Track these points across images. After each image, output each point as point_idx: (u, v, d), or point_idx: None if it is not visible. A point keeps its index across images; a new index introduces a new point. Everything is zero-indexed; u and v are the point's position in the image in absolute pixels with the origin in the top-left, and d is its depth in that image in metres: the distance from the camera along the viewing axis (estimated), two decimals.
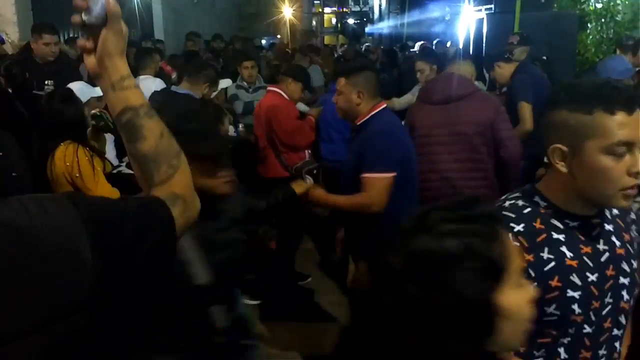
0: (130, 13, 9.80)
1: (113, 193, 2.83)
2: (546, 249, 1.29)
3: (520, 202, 1.37)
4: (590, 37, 8.55)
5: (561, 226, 1.32)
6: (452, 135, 3.21)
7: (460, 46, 8.81)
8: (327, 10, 34.94)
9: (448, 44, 9.86)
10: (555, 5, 8.27)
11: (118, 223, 0.86)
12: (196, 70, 3.72)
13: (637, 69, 4.19)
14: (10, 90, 3.87)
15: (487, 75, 5.82)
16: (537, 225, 1.32)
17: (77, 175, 2.78)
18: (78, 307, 0.73)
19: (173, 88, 3.69)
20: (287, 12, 22.21)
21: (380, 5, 28.84)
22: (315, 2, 33.77)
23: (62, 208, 0.80)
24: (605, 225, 1.36)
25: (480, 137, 3.19)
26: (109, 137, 3.46)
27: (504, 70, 4.80)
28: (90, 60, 1.07)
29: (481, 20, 7.64)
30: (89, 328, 0.75)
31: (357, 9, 36.58)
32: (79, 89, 3.41)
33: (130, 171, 3.01)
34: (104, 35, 1.05)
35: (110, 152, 3.48)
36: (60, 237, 0.76)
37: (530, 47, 5.65)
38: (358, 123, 2.74)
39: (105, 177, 2.88)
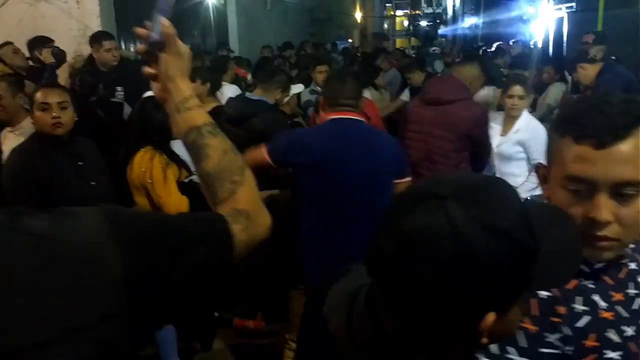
0: (206, 22, 10.15)
1: (181, 201, 2.89)
2: (578, 299, 1.04)
3: None
4: None
5: (587, 269, 1.07)
6: (430, 136, 3.43)
7: (540, 46, 8.49)
8: (399, 12, 34.71)
9: (511, 42, 9.48)
10: None
11: (155, 238, 0.84)
12: (268, 76, 3.78)
13: None
14: (92, 98, 4.08)
15: (568, 77, 5.59)
16: None
17: (150, 181, 2.86)
18: (106, 317, 0.73)
19: (247, 94, 3.76)
20: (359, 16, 22.27)
21: (454, 6, 28.33)
22: (387, 5, 33.64)
23: (95, 222, 0.79)
24: (630, 264, 1.11)
25: (453, 144, 3.36)
26: (179, 142, 3.57)
27: (588, 72, 4.60)
28: (155, 87, 1.09)
29: (561, 19, 7.34)
30: (118, 337, 0.74)
31: (429, 10, 36.11)
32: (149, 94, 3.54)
33: None
34: (163, 60, 1.07)
35: (186, 156, 3.59)
36: (87, 249, 0.75)
37: (611, 46, 5.37)
38: None
39: (178, 185, 2.94)
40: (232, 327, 3.77)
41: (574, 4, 7.27)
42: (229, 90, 4.71)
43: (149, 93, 3.52)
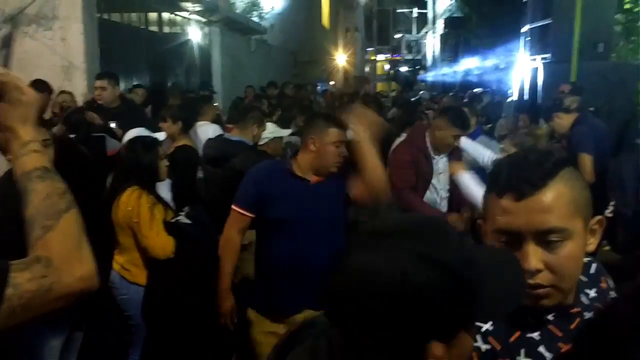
0: (191, 61, 10.25)
1: (168, 242, 2.89)
2: (522, 352, 1.05)
3: None
4: None
5: (533, 320, 1.08)
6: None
7: (515, 96, 8.72)
8: (380, 57, 35.46)
9: (476, 90, 9.79)
10: (613, 54, 8.12)
11: None
12: (242, 115, 3.82)
13: None
14: (72, 136, 4.08)
15: (543, 125, 5.73)
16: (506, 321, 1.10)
17: (136, 220, 2.84)
18: None
19: (225, 136, 3.78)
20: (341, 60, 22.70)
21: (433, 53, 29.07)
22: (368, 49, 34.38)
23: None
24: (586, 314, 1.10)
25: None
26: (164, 182, 3.55)
27: (564, 121, 4.71)
28: None
29: (536, 69, 7.57)
30: None
31: (410, 56, 36.98)
32: (137, 133, 3.54)
33: (189, 221, 3.07)
34: (0, 109, 1.03)
35: (166, 196, 3.56)
36: None
37: (585, 97, 5.54)
38: None
39: (164, 226, 2.93)
40: None
41: (549, 55, 7.52)
42: (209, 130, 4.72)
43: (135, 132, 3.53)
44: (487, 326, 1.07)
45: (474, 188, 3.45)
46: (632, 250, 3.49)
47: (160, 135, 3.61)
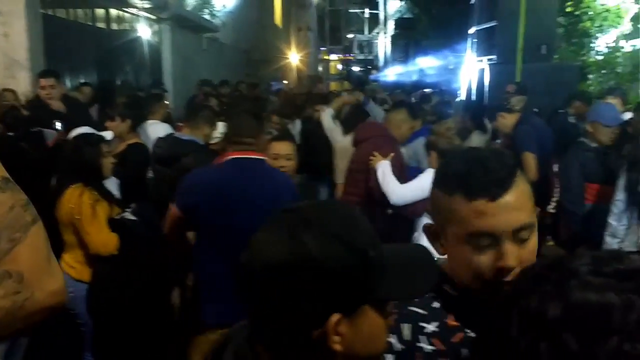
0: (141, 59, 10.05)
1: (110, 239, 2.88)
2: (464, 352, 1.07)
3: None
4: (591, 87, 8.70)
5: (475, 319, 1.09)
6: (349, 170, 4.07)
7: (463, 95, 8.95)
8: (333, 57, 35.65)
9: (426, 91, 10.02)
10: (556, 56, 8.44)
11: None
12: (193, 114, 3.81)
13: (626, 118, 4.25)
14: (12, 134, 3.97)
15: (488, 125, 5.90)
16: (450, 322, 1.09)
17: (78, 217, 2.84)
18: None
19: (176, 135, 3.75)
20: (294, 59, 22.71)
21: (385, 54, 29.44)
22: (321, 49, 34.50)
23: None
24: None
25: (361, 174, 3.82)
26: (113, 180, 3.49)
27: (507, 121, 4.87)
28: None
29: (483, 70, 7.80)
30: None
31: (362, 56, 37.33)
32: (83, 132, 3.48)
33: (134, 218, 3.05)
34: None
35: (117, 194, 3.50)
36: None
37: (529, 97, 5.75)
38: None
39: (108, 222, 2.91)
40: None
41: (494, 57, 7.75)
42: (160, 129, 4.66)
43: (79, 131, 3.46)
44: (432, 327, 1.08)
45: (388, 177, 3.61)
46: (577, 246, 3.65)
47: (107, 134, 3.56)
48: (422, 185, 3.44)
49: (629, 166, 3.28)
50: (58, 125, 4.45)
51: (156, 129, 4.66)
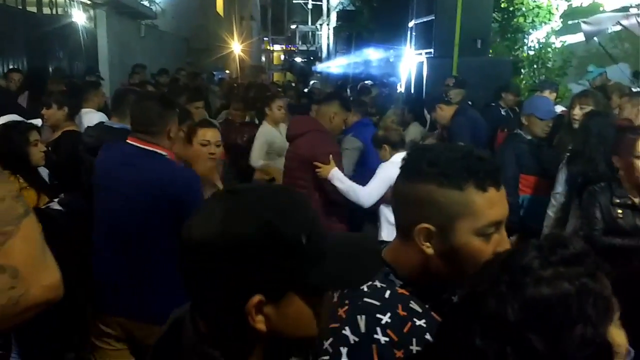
0: (75, 45, 9.68)
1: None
2: (414, 341, 1.07)
3: (378, 284, 1.13)
4: (524, 81, 9.05)
5: (420, 310, 1.12)
6: (285, 168, 3.92)
7: (403, 87, 9.11)
8: (276, 47, 35.44)
9: (367, 83, 10.19)
10: (491, 51, 8.72)
11: None
12: (118, 102, 3.71)
13: (559, 111, 4.44)
14: None
15: (427, 117, 6.05)
16: (401, 312, 1.09)
17: None
18: None
19: (107, 123, 3.63)
20: (237, 49, 22.43)
21: (328, 45, 29.52)
22: (264, 39, 34.21)
23: None
24: (453, 299, 1.20)
25: (298, 172, 3.71)
26: (42, 170, 3.37)
27: (445, 112, 5.01)
28: None
29: (422, 63, 7.96)
30: None
31: (304, 47, 37.28)
32: (8, 119, 3.35)
33: (61, 208, 2.96)
34: None
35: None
36: None
37: (467, 90, 5.92)
38: None
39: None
40: None
41: (432, 50, 7.92)
42: (95, 118, 4.52)
43: (6, 119, 3.32)
44: (386, 318, 1.07)
45: (347, 183, 3.63)
46: (510, 235, 3.79)
47: (37, 122, 3.44)
48: (385, 178, 3.55)
49: (569, 159, 3.40)
50: None
51: (91, 118, 4.52)
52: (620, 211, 2.86)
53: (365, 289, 1.12)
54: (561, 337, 0.77)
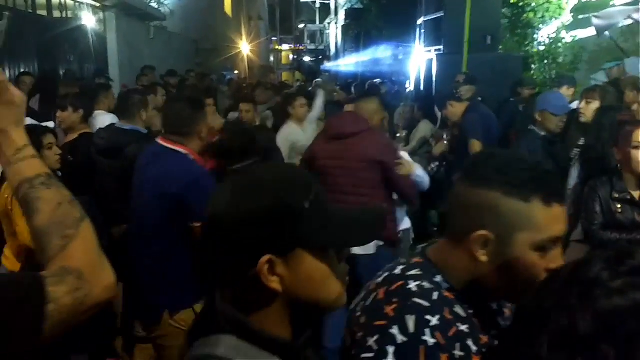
0: (85, 48, 9.74)
1: None
2: (457, 346, 1.06)
3: (426, 284, 1.12)
4: (534, 77, 8.98)
5: (464, 314, 1.11)
6: (339, 168, 3.51)
7: (411, 85, 9.07)
8: (284, 47, 35.48)
9: (377, 81, 10.14)
10: (501, 47, 8.66)
11: None
12: (123, 104, 3.72)
13: (572, 106, 4.39)
14: None
15: (438, 114, 6.03)
16: (447, 315, 1.08)
17: (10, 208, 2.79)
18: None
19: (117, 125, 3.64)
20: (245, 49, 22.48)
21: (336, 44, 29.50)
22: (272, 39, 34.25)
23: None
24: (505, 311, 1.21)
25: (364, 173, 3.46)
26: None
27: (456, 109, 4.99)
28: None
29: (431, 60, 7.92)
30: None
31: (313, 46, 37.28)
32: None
33: None
34: None
35: None
36: None
37: (477, 87, 5.89)
38: None
39: None
40: None
41: (442, 47, 7.89)
42: (107, 120, 4.54)
43: None
44: (434, 320, 1.06)
45: (425, 175, 3.65)
46: None
47: (49, 125, 3.46)
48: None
49: (581, 154, 3.37)
50: None
51: (104, 120, 4.54)
52: (619, 206, 2.87)
53: (414, 289, 1.11)
54: (633, 346, 0.75)
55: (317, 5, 38.77)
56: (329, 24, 34.57)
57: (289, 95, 5.57)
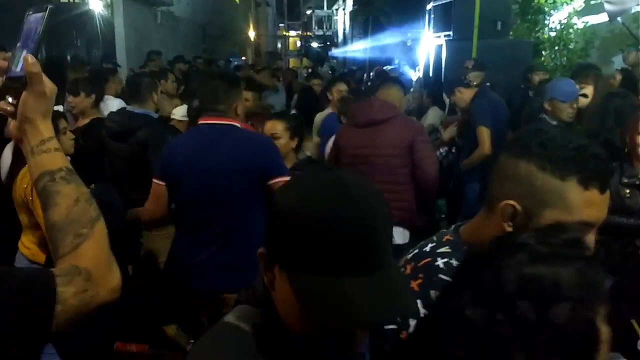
0: (92, 33, 9.71)
1: None
2: None
3: (454, 262, 1.12)
4: (545, 63, 8.87)
5: None
6: (373, 156, 3.46)
7: (420, 71, 9.00)
8: (292, 33, 35.28)
9: (386, 68, 10.08)
10: (511, 33, 8.56)
11: None
12: (134, 88, 3.68)
13: (580, 92, 4.33)
14: None
15: (446, 100, 5.97)
16: None
17: (30, 198, 2.72)
18: None
19: (128, 108, 3.62)
20: (252, 35, 22.38)
21: (344, 30, 29.30)
22: (280, 25, 34.08)
23: None
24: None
25: (399, 159, 3.44)
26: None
27: (464, 95, 4.93)
28: (12, 124, 1.01)
29: (440, 46, 7.85)
30: None
31: (320, 33, 37.06)
32: None
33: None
34: (23, 99, 0.99)
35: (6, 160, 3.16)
36: None
37: (486, 72, 5.82)
38: None
39: None
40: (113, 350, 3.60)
41: (451, 33, 7.80)
42: (115, 104, 4.54)
43: None
44: None
45: None
46: None
47: (58, 108, 3.44)
48: None
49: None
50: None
51: (112, 104, 4.54)
52: (628, 191, 2.85)
53: (442, 266, 1.11)
54: (551, 309, 0.79)
55: None
56: (336, 10, 34.32)
57: (330, 81, 5.62)
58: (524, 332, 0.79)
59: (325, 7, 39.32)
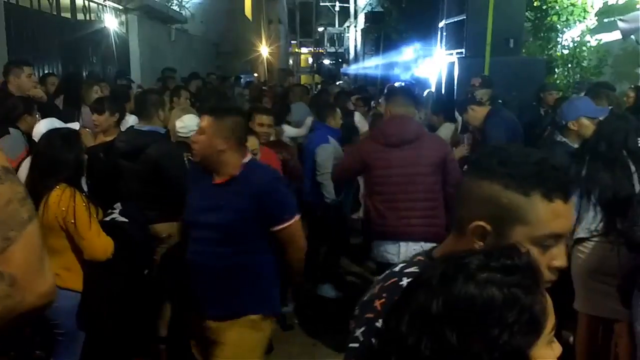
0: (107, 50, 9.84)
1: (109, 243, 2.76)
2: None
3: None
4: (558, 81, 8.85)
5: None
6: (409, 175, 3.43)
7: (433, 88, 9.00)
8: (303, 50, 35.57)
9: (397, 84, 10.09)
10: (523, 50, 8.56)
11: None
12: (142, 105, 3.68)
13: (610, 108, 4.25)
14: None
15: (459, 118, 5.95)
16: None
17: (72, 221, 2.66)
18: None
19: (136, 126, 3.63)
20: (264, 52, 22.56)
21: (355, 47, 29.47)
22: (292, 42, 34.35)
23: None
24: None
25: (434, 177, 3.46)
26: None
27: (477, 113, 4.90)
28: None
29: (452, 63, 7.85)
30: None
31: (332, 50, 37.30)
32: (49, 123, 3.38)
33: (125, 219, 2.93)
34: None
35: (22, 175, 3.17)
36: None
37: (495, 90, 5.80)
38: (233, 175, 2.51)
39: (100, 225, 2.78)
40: None
41: (463, 50, 7.81)
42: (129, 121, 4.56)
43: (47, 123, 3.36)
44: None
45: None
46: None
47: (75, 126, 3.46)
48: None
49: (578, 156, 3.31)
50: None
51: (126, 122, 4.57)
52: None
53: (405, 285, 1.11)
54: (474, 336, 0.80)
55: (337, 9, 38.79)
56: (348, 27, 34.55)
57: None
58: (446, 357, 0.80)
59: (337, 25, 39.62)
